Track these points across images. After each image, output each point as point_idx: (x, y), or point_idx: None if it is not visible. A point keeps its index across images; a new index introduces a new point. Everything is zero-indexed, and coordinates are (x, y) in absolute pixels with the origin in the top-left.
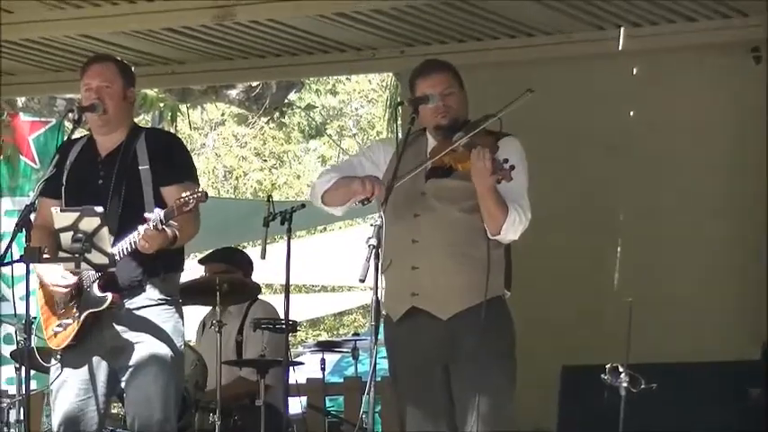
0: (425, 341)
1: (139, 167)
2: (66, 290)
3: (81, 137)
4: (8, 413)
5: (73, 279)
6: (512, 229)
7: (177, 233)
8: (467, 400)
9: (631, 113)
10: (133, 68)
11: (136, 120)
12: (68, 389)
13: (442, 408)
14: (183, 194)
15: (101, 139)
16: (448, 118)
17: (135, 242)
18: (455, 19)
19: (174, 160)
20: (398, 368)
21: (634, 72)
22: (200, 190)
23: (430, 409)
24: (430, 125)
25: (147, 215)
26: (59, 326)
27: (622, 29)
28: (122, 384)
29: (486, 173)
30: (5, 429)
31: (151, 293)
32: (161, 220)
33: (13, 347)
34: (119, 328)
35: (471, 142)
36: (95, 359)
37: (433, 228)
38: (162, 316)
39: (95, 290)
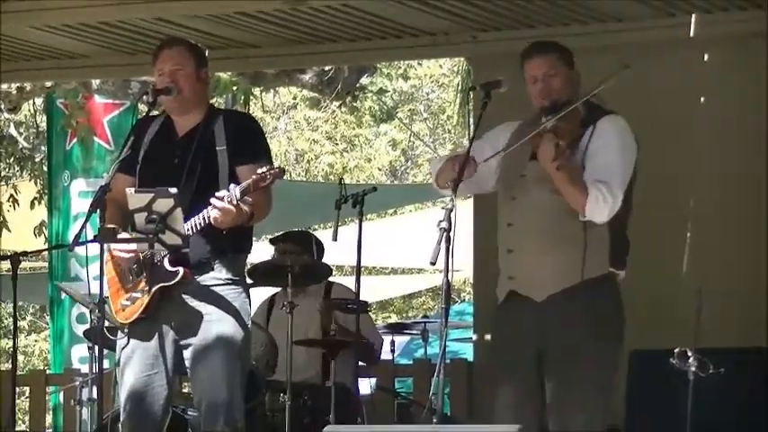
0: (522, 324)
1: (216, 148)
2: (131, 256)
3: (158, 115)
4: (81, 392)
5: (133, 251)
6: (596, 210)
7: (253, 212)
8: (555, 388)
9: (702, 100)
10: (206, 52)
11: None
12: (135, 363)
13: (533, 392)
14: (260, 170)
15: (178, 120)
16: (548, 100)
17: (208, 216)
18: (526, 5)
19: (250, 141)
20: (497, 351)
21: (705, 59)
22: (277, 166)
23: (519, 392)
24: (536, 107)
25: (222, 192)
26: (128, 299)
27: (693, 15)
28: (187, 362)
29: (546, 159)
30: (78, 408)
31: (219, 273)
32: (237, 196)
33: (86, 327)
34: (188, 302)
35: (557, 124)
36: (163, 333)
37: (527, 210)
38: (229, 295)
39: (166, 264)
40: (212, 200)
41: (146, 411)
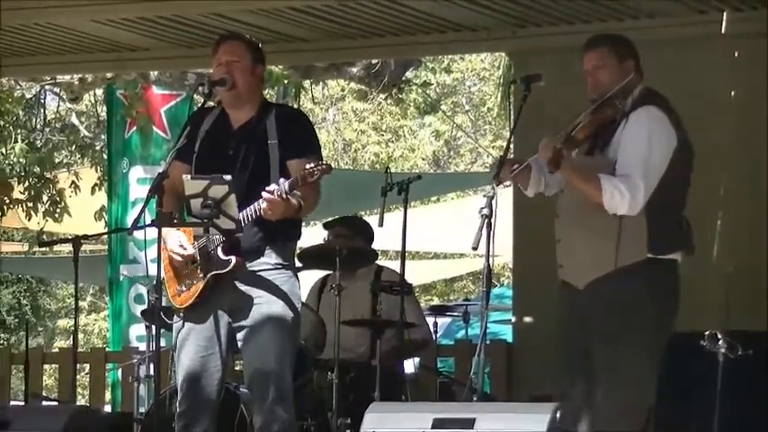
0: (569, 311)
1: (268, 141)
2: (182, 259)
3: (214, 107)
4: (138, 369)
5: (190, 251)
6: (613, 205)
7: (301, 203)
8: (594, 375)
9: (732, 94)
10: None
11: None
12: (191, 345)
13: (579, 378)
14: (308, 166)
15: (232, 112)
16: (596, 92)
17: (259, 209)
18: (566, 2)
19: (300, 136)
20: (555, 336)
21: (735, 55)
22: (324, 163)
23: (569, 377)
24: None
25: (272, 186)
26: (184, 286)
27: (725, 13)
28: (239, 343)
29: (547, 162)
30: (136, 384)
31: (269, 259)
32: (286, 189)
33: (144, 307)
34: (240, 288)
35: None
36: (216, 317)
37: (569, 202)
38: (279, 279)
39: (220, 253)
40: (263, 193)
41: (201, 390)
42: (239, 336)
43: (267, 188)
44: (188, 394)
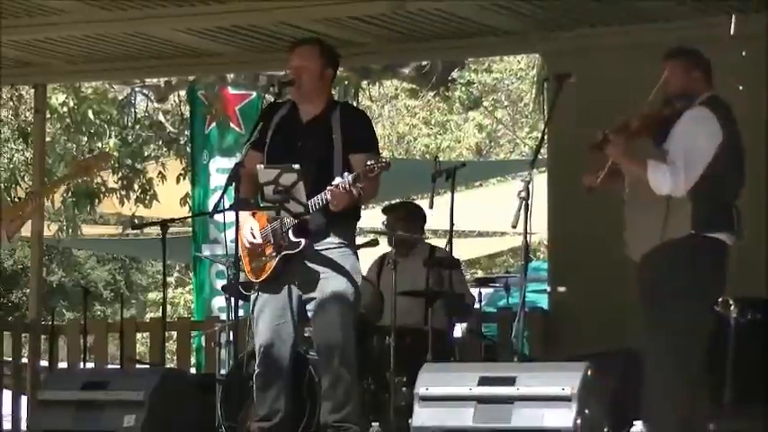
0: (635, 282)
1: (333, 136)
2: (251, 246)
3: (285, 101)
4: (219, 336)
5: (258, 240)
6: (657, 184)
7: (362, 193)
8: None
9: (740, 88)
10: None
11: None
12: (266, 316)
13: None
14: (370, 162)
15: (302, 108)
16: (665, 93)
17: (326, 200)
18: (591, 7)
19: (362, 133)
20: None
21: (743, 54)
22: (384, 159)
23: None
24: None
25: (337, 179)
26: (258, 263)
27: (733, 16)
28: (309, 313)
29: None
30: (217, 349)
31: (333, 239)
32: (350, 183)
33: (224, 282)
34: (308, 265)
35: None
36: (288, 290)
37: (631, 184)
38: (341, 257)
39: (290, 235)
40: (329, 188)
41: (276, 355)
42: (308, 307)
43: (333, 182)
44: (264, 358)
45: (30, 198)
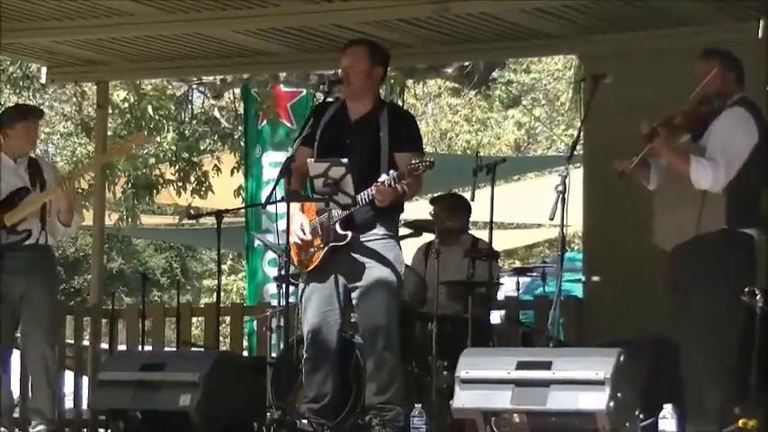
0: (664, 270)
1: (380, 134)
2: (300, 242)
3: (335, 100)
4: (271, 320)
5: (307, 237)
6: (697, 177)
7: (406, 190)
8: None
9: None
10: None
11: None
12: (314, 303)
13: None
14: (415, 161)
15: (351, 106)
16: (704, 93)
17: (372, 195)
18: (626, 12)
19: (407, 133)
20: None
21: None
22: (428, 159)
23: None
24: None
25: (383, 176)
26: (307, 254)
27: (761, 20)
28: (354, 301)
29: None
30: (268, 333)
31: (378, 230)
32: (395, 179)
33: (275, 269)
34: (353, 255)
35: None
36: (335, 279)
37: (664, 177)
38: (385, 248)
39: (338, 228)
40: (375, 184)
41: (323, 339)
42: (353, 295)
43: (379, 179)
44: (312, 343)
45: (60, 182)
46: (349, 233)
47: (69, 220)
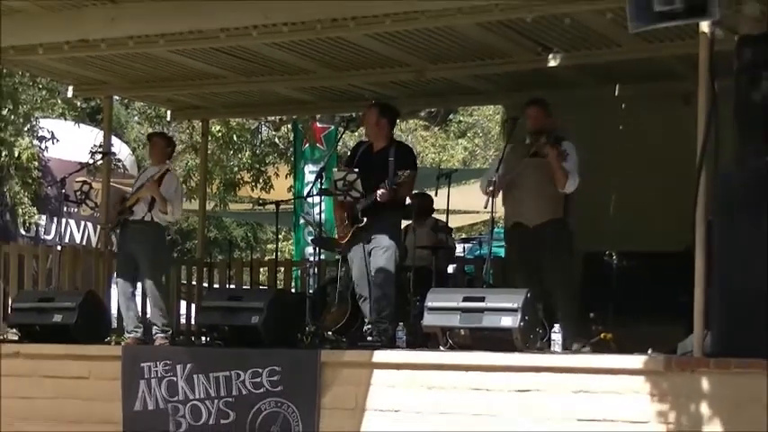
0: (521, 245)
1: (389, 160)
2: (340, 225)
3: (367, 141)
4: (309, 270)
5: (346, 230)
6: (568, 186)
7: (398, 191)
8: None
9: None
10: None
11: None
12: (347, 260)
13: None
14: (399, 173)
15: (374, 144)
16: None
17: (378, 196)
18: (530, 78)
19: (406, 158)
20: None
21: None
22: (406, 172)
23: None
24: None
25: (382, 184)
26: (342, 231)
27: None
28: (370, 258)
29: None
30: (307, 277)
31: (384, 216)
32: (388, 186)
33: (312, 238)
34: (370, 231)
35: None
36: (362, 247)
37: (526, 181)
38: (389, 226)
39: (359, 215)
40: (379, 189)
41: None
42: (370, 253)
43: (381, 185)
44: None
45: (146, 186)
46: (365, 218)
47: (163, 211)
